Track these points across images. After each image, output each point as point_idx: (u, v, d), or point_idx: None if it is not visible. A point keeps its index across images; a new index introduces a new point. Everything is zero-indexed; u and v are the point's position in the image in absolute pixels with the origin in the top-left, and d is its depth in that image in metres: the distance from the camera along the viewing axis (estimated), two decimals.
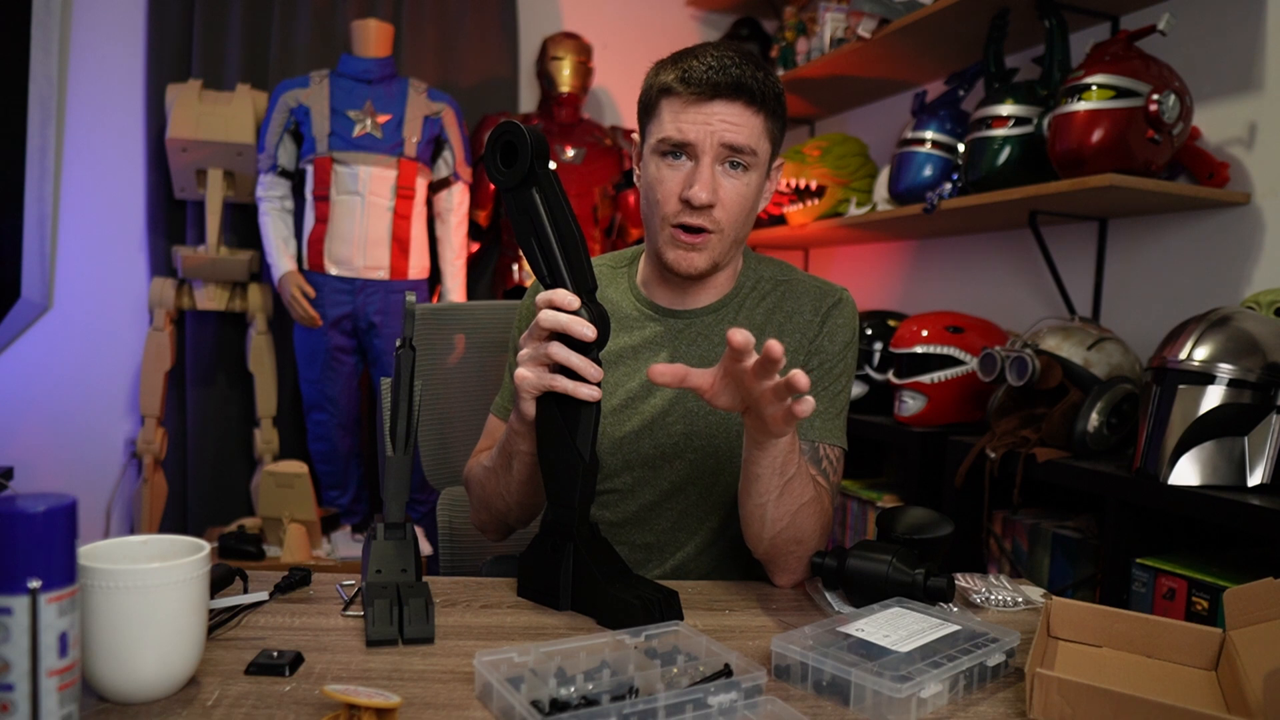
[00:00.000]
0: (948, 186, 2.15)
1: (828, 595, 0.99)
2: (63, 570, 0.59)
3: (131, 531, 2.89)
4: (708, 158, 1.04)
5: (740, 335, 0.80)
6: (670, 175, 1.06)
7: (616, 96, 3.47)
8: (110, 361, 2.95)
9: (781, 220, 2.84)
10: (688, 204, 1.05)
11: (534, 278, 0.98)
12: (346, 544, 2.78)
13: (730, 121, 1.03)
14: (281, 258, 2.74)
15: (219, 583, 0.92)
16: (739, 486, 0.99)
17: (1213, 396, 1.45)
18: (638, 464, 1.14)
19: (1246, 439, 1.45)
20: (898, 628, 0.82)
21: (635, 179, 1.15)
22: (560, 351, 0.90)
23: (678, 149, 1.05)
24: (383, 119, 2.76)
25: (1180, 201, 1.88)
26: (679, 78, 1.04)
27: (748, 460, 0.93)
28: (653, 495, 1.15)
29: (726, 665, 0.73)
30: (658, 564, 1.17)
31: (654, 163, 1.08)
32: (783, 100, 1.09)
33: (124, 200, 2.94)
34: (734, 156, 1.05)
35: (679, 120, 1.04)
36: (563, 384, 0.90)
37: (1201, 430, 1.46)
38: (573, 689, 0.69)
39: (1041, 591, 1.05)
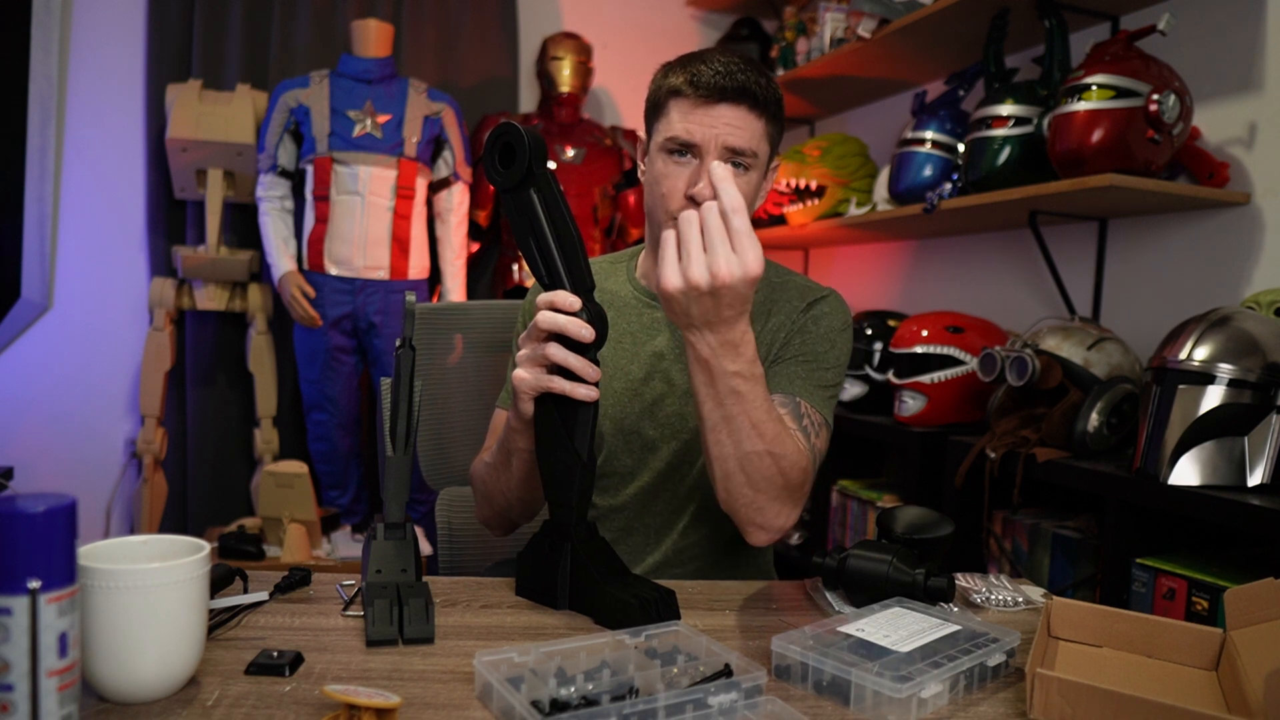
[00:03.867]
0: (948, 186, 2.15)
1: (828, 595, 0.99)
2: (63, 570, 0.59)
3: (131, 531, 2.89)
4: (711, 157, 1.08)
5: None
6: (676, 172, 1.10)
7: (616, 96, 3.47)
8: (110, 361, 2.95)
9: (781, 220, 2.84)
10: (692, 200, 1.08)
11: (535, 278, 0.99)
12: (346, 544, 2.78)
13: (733, 125, 1.07)
14: (281, 258, 2.74)
15: (219, 583, 0.92)
16: None
17: (1213, 396, 1.45)
18: (638, 446, 1.18)
19: (1246, 439, 1.45)
20: (898, 628, 0.82)
21: (640, 175, 1.17)
22: (558, 353, 0.90)
23: (684, 148, 1.09)
24: (383, 119, 2.76)
25: (1180, 201, 1.88)
26: (688, 80, 1.08)
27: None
28: (650, 477, 1.19)
29: (726, 665, 0.73)
30: (656, 548, 1.20)
31: (660, 160, 1.11)
32: (782, 105, 1.14)
33: (124, 200, 2.94)
34: (736, 158, 1.09)
35: (686, 121, 1.08)
36: (560, 385, 0.91)
37: (1201, 430, 1.46)
38: (573, 689, 0.69)
39: (1041, 591, 1.05)
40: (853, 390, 2.40)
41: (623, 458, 1.19)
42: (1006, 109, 2.00)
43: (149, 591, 0.67)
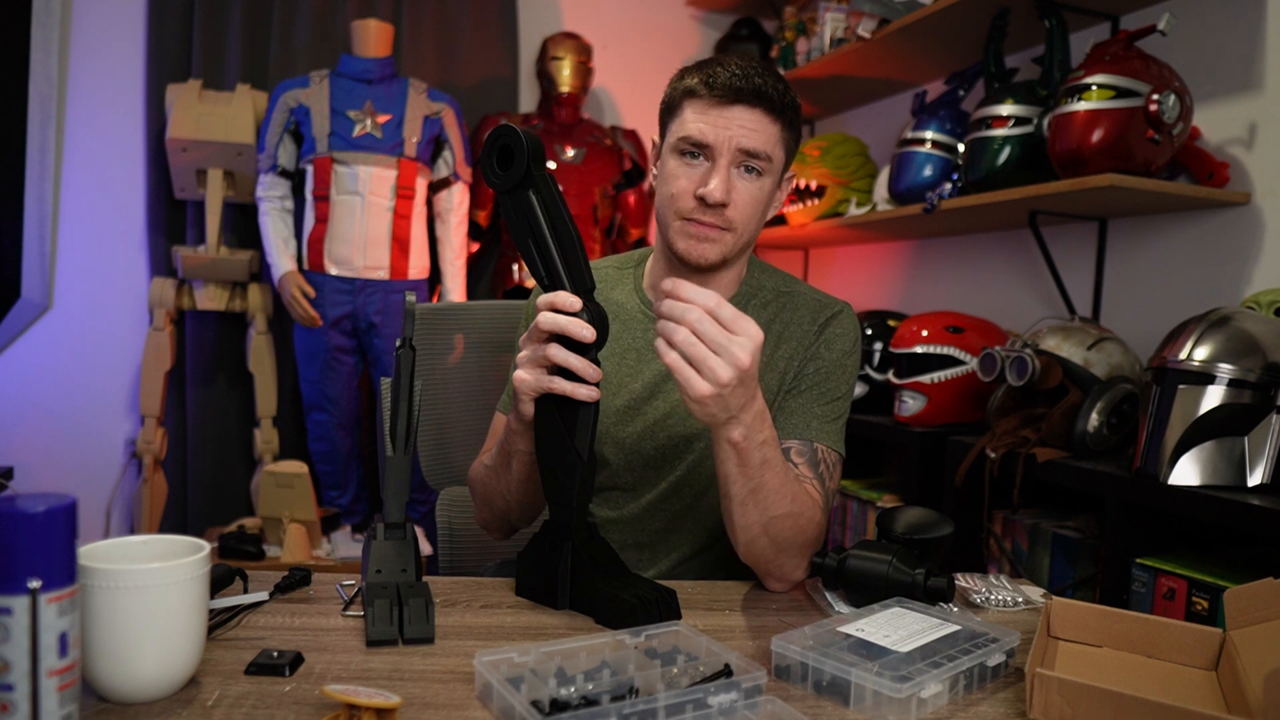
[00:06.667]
0: (948, 186, 2.15)
1: (828, 595, 0.99)
2: (63, 570, 0.59)
3: (131, 531, 2.89)
4: (724, 159, 1.06)
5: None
6: (687, 173, 1.08)
7: (616, 96, 3.47)
8: (110, 361, 2.95)
9: (781, 220, 2.84)
10: (702, 201, 1.06)
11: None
12: (346, 544, 2.78)
13: (748, 127, 1.06)
14: (281, 258, 2.74)
15: (219, 583, 0.92)
16: None
17: (1213, 396, 1.45)
18: (639, 464, 1.16)
19: (1246, 439, 1.45)
20: (898, 628, 0.82)
21: (651, 178, 1.17)
22: (559, 353, 0.90)
23: (697, 149, 1.07)
24: (383, 119, 2.76)
25: (1180, 201, 1.88)
26: (703, 81, 1.06)
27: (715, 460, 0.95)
28: (651, 495, 1.17)
29: (726, 665, 0.73)
30: (651, 563, 1.18)
31: (672, 161, 1.10)
32: (799, 112, 1.12)
33: (124, 200, 2.94)
34: (749, 161, 1.07)
35: (700, 121, 1.06)
36: (561, 385, 0.90)
37: (1201, 430, 1.46)
38: (573, 689, 0.69)
39: (1041, 591, 1.05)
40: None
41: (623, 475, 1.17)
42: (1006, 109, 2.00)
43: (149, 591, 0.67)
